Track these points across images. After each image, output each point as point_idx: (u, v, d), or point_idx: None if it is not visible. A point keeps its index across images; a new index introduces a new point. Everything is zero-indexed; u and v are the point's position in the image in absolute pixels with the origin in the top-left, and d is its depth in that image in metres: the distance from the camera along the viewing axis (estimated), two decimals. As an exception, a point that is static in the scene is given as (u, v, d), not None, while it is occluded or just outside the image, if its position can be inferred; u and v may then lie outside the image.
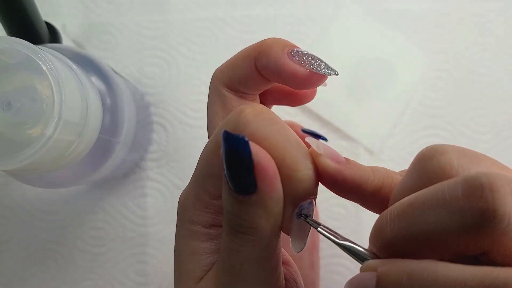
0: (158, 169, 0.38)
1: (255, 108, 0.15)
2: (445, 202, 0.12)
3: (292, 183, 0.14)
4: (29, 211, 0.37)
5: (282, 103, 0.22)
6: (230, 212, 0.15)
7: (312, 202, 0.15)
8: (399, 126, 0.38)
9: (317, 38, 0.40)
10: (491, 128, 0.38)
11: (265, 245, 0.15)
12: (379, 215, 0.14)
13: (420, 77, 0.39)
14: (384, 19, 0.40)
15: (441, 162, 0.13)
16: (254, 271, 0.15)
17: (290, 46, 0.19)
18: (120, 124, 0.28)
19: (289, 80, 0.18)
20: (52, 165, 0.23)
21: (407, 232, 0.13)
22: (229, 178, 0.14)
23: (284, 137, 0.14)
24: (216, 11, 0.40)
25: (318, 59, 0.18)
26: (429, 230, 0.12)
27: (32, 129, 0.21)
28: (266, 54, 0.18)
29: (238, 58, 0.20)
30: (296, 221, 0.15)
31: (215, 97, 0.21)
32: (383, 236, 0.14)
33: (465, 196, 0.12)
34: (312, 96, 0.21)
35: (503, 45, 0.40)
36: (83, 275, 0.37)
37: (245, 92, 0.20)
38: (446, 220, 0.12)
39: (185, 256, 0.18)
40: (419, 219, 0.13)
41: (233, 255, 0.15)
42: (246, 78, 0.19)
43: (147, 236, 0.37)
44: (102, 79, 0.27)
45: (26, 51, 0.21)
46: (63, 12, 0.40)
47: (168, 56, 0.39)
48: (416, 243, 0.13)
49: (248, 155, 0.13)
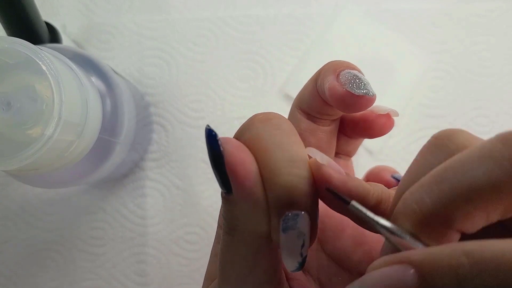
0: (158, 169, 0.38)
1: (267, 114, 0.15)
2: (489, 155, 0.11)
3: (272, 187, 0.14)
4: (29, 211, 0.37)
5: (359, 134, 0.21)
6: (221, 208, 0.15)
7: (299, 215, 0.14)
8: (399, 126, 0.38)
9: (317, 38, 0.40)
10: (491, 128, 0.38)
11: (250, 247, 0.15)
12: (403, 196, 0.13)
13: (420, 77, 0.39)
14: (384, 19, 0.40)
15: (461, 138, 0.13)
16: (242, 276, 0.15)
17: (344, 67, 0.18)
18: (120, 124, 0.28)
19: (331, 100, 0.18)
20: (52, 165, 0.23)
21: (453, 193, 0.12)
22: (214, 173, 0.14)
23: (276, 142, 0.14)
24: (216, 11, 0.40)
25: (359, 79, 0.17)
26: (481, 184, 0.11)
27: (32, 129, 0.21)
28: (321, 74, 0.18)
29: (309, 80, 0.19)
30: (283, 235, 0.14)
31: (290, 116, 0.21)
32: (423, 207, 0.12)
33: (506, 145, 0.11)
34: (390, 127, 0.20)
35: (503, 45, 0.40)
36: (83, 275, 0.37)
37: (313, 115, 0.20)
38: (495, 170, 0.11)
39: (211, 258, 0.19)
40: (466, 175, 0.12)
41: (224, 254, 0.16)
42: (310, 100, 0.19)
43: (147, 236, 0.37)
44: (102, 79, 0.28)
45: (26, 51, 0.21)
46: (63, 12, 0.40)
47: (168, 56, 0.39)
48: (467, 204, 0.11)
49: (218, 153, 0.14)
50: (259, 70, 0.39)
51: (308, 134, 0.20)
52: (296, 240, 0.14)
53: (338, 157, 0.23)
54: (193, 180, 0.38)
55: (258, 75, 0.39)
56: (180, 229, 0.37)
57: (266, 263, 0.15)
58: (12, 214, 0.37)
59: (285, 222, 0.14)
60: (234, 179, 0.14)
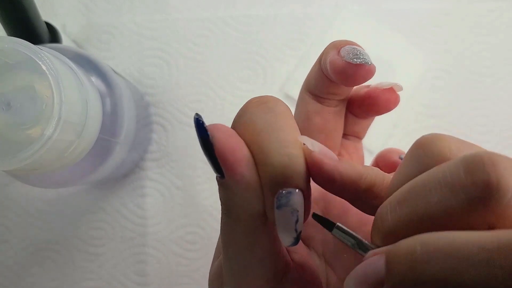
0: (158, 169, 0.38)
1: (262, 98, 0.16)
2: (447, 181, 0.12)
3: (265, 168, 0.14)
4: (29, 211, 0.37)
5: (366, 111, 0.21)
6: (218, 192, 0.16)
7: (291, 193, 0.14)
8: (399, 126, 0.38)
9: (317, 38, 0.40)
10: (491, 128, 0.38)
11: (246, 228, 0.15)
12: (380, 207, 0.14)
13: (420, 77, 0.39)
14: (384, 19, 0.40)
15: (439, 147, 0.13)
16: (242, 252, 0.16)
17: (345, 44, 0.18)
18: (120, 124, 0.28)
19: (332, 74, 0.18)
20: (52, 165, 0.23)
21: (410, 217, 0.13)
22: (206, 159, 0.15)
23: (268, 125, 0.15)
24: (216, 11, 0.40)
25: (358, 51, 0.18)
26: (433, 212, 0.12)
27: (32, 129, 0.21)
28: (324, 52, 0.19)
29: (315, 62, 0.20)
30: (277, 211, 0.14)
31: (298, 100, 0.21)
32: (385, 225, 0.13)
33: (467, 172, 0.12)
34: (395, 102, 0.20)
35: (503, 45, 0.40)
36: (83, 275, 0.37)
37: (320, 96, 0.20)
38: (450, 199, 0.12)
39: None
40: (421, 201, 0.12)
41: (224, 233, 0.16)
42: (316, 80, 0.20)
43: (147, 236, 0.37)
44: (102, 79, 0.27)
45: (26, 51, 0.21)
46: (63, 12, 0.40)
47: (168, 56, 0.39)
48: (420, 227, 0.12)
49: (207, 139, 0.14)
50: (259, 70, 0.39)
51: (315, 115, 0.20)
52: (290, 217, 0.15)
53: (347, 138, 0.23)
54: (193, 180, 0.38)
55: (258, 75, 0.39)
56: (180, 229, 0.37)
57: (264, 240, 0.16)
58: (12, 214, 0.37)
59: (278, 200, 0.14)
60: (224, 165, 0.14)
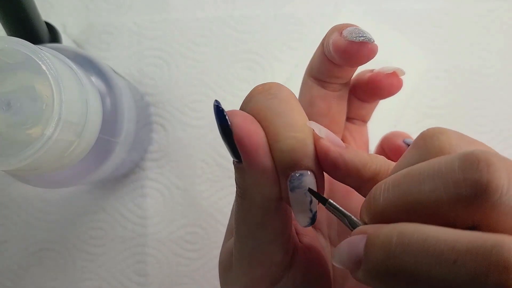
0: (158, 169, 0.38)
1: (265, 85, 0.17)
2: (441, 173, 0.12)
3: (276, 153, 0.15)
4: (29, 211, 0.37)
5: (370, 96, 0.22)
6: (235, 175, 0.16)
7: (303, 175, 0.15)
8: (399, 126, 0.38)
9: (317, 38, 0.40)
10: (491, 128, 0.38)
11: (260, 209, 0.16)
12: (375, 186, 0.14)
13: (420, 77, 0.39)
14: (384, 19, 0.40)
15: (440, 140, 0.14)
16: (254, 233, 0.16)
17: (347, 26, 0.19)
18: (120, 124, 0.28)
19: (335, 55, 0.18)
20: (52, 165, 0.23)
21: (400, 200, 0.13)
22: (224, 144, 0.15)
23: (274, 110, 0.15)
24: (216, 11, 0.40)
25: (360, 30, 0.18)
26: (423, 200, 0.13)
27: (32, 129, 0.21)
28: (327, 36, 0.19)
29: (318, 46, 0.20)
30: (291, 194, 0.15)
31: (302, 85, 0.22)
32: (376, 204, 0.14)
33: (461, 168, 0.12)
34: (398, 86, 0.21)
35: (503, 45, 0.40)
36: (83, 275, 0.37)
37: (323, 80, 0.20)
38: (441, 190, 0.12)
39: (232, 213, 0.20)
40: (413, 188, 0.13)
41: (237, 213, 0.17)
42: (319, 64, 0.20)
43: (146, 236, 0.37)
44: (102, 79, 0.27)
45: (26, 51, 0.21)
46: (63, 12, 0.40)
47: (168, 56, 0.39)
48: (408, 212, 0.13)
49: (226, 125, 0.15)
50: (259, 70, 0.39)
51: (319, 100, 0.21)
52: (304, 198, 0.15)
53: (352, 122, 0.23)
54: (193, 180, 0.38)
55: (258, 75, 0.39)
56: (180, 229, 0.37)
57: (276, 222, 0.16)
58: (12, 214, 0.37)
59: (291, 182, 0.15)
60: (242, 150, 0.15)
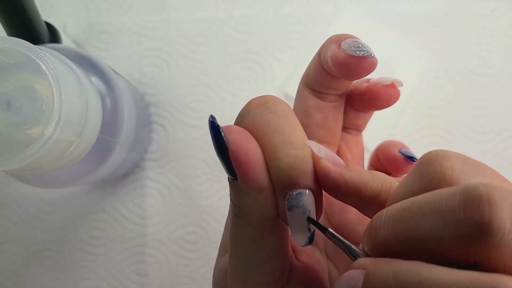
0: (158, 169, 0.38)
1: (262, 98, 0.16)
2: (442, 210, 0.12)
3: (273, 171, 0.15)
4: (29, 211, 0.37)
5: (367, 106, 0.21)
6: (230, 193, 0.16)
7: (302, 193, 0.14)
8: (399, 126, 0.38)
9: (317, 38, 0.40)
10: (491, 128, 0.38)
11: (256, 228, 0.15)
12: (375, 215, 0.14)
13: (420, 77, 0.39)
14: (384, 19, 0.40)
15: (443, 166, 0.13)
16: (250, 252, 0.16)
17: (345, 37, 0.18)
18: (120, 124, 0.28)
19: (333, 67, 0.18)
20: (52, 165, 0.23)
21: (400, 236, 0.13)
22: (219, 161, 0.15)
23: (272, 126, 0.15)
24: (215, 11, 0.40)
25: (360, 43, 0.18)
26: (423, 237, 0.12)
27: (32, 129, 0.21)
28: (324, 46, 0.19)
29: (314, 56, 0.20)
30: (289, 213, 0.15)
31: (297, 95, 0.21)
32: (377, 236, 0.14)
33: (462, 206, 0.12)
34: (395, 98, 0.20)
35: (503, 45, 0.40)
36: (83, 275, 0.37)
37: (319, 91, 0.20)
38: (441, 229, 0.12)
39: (225, 229, 0.20)
40: (414, 224, 0.13)
41: (233, 232, 0.16)
42: (316, 75, 0.20)
43: (146, 236, 0.37)
44: (102, 79, 0.27)
45: (26, 51, 0.21)
46: (63, 12, 0.40)
47: (168, 56, 0.39)
48: (408, 248, 0.13)
49: (222, 142, 0.14)
50: (259, 70, 0.39)
51: (315, 110, 0.20)
52: (302, 217, 0.15)
53: (348, 132, 0.23)
54: (193, 180, 0.38)
55: (258, 75, 0.39)
56: (180, 229, 0.37)
57: (273, 241, 0.16)
58: (12, 214, 0.37)
59: (289, 202, 0.14)
60: (238, 168, 0.14)
